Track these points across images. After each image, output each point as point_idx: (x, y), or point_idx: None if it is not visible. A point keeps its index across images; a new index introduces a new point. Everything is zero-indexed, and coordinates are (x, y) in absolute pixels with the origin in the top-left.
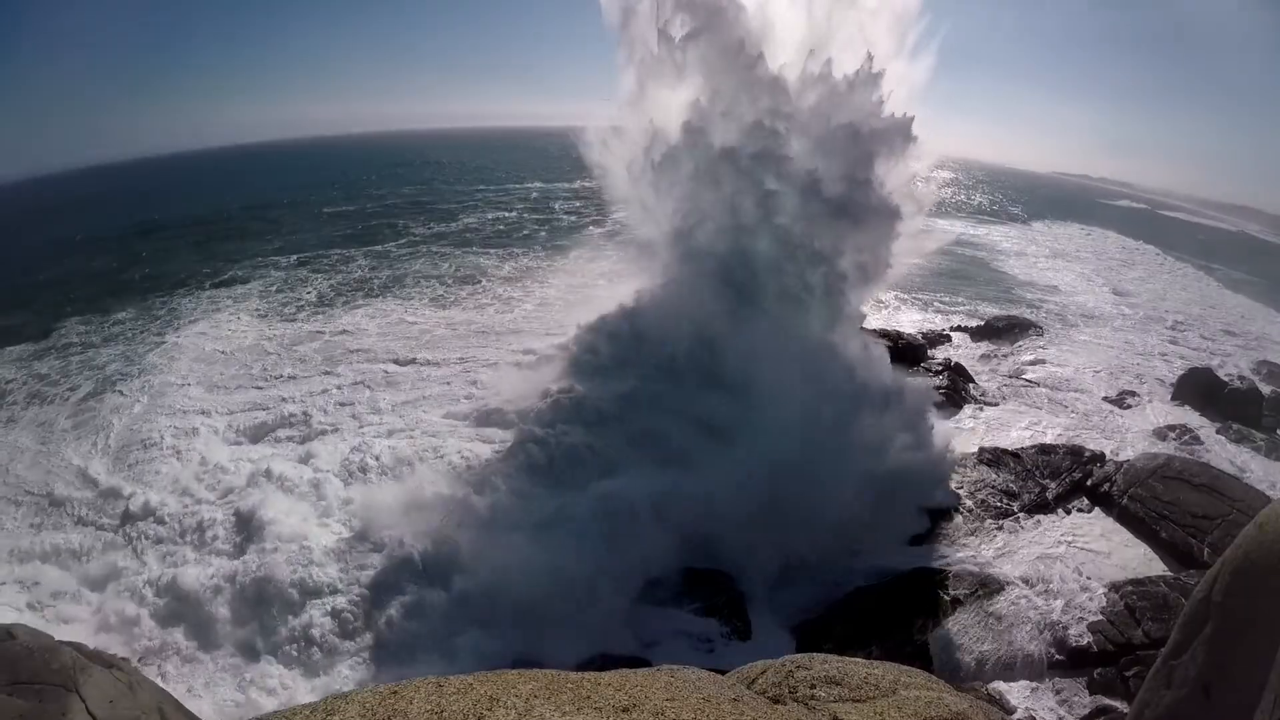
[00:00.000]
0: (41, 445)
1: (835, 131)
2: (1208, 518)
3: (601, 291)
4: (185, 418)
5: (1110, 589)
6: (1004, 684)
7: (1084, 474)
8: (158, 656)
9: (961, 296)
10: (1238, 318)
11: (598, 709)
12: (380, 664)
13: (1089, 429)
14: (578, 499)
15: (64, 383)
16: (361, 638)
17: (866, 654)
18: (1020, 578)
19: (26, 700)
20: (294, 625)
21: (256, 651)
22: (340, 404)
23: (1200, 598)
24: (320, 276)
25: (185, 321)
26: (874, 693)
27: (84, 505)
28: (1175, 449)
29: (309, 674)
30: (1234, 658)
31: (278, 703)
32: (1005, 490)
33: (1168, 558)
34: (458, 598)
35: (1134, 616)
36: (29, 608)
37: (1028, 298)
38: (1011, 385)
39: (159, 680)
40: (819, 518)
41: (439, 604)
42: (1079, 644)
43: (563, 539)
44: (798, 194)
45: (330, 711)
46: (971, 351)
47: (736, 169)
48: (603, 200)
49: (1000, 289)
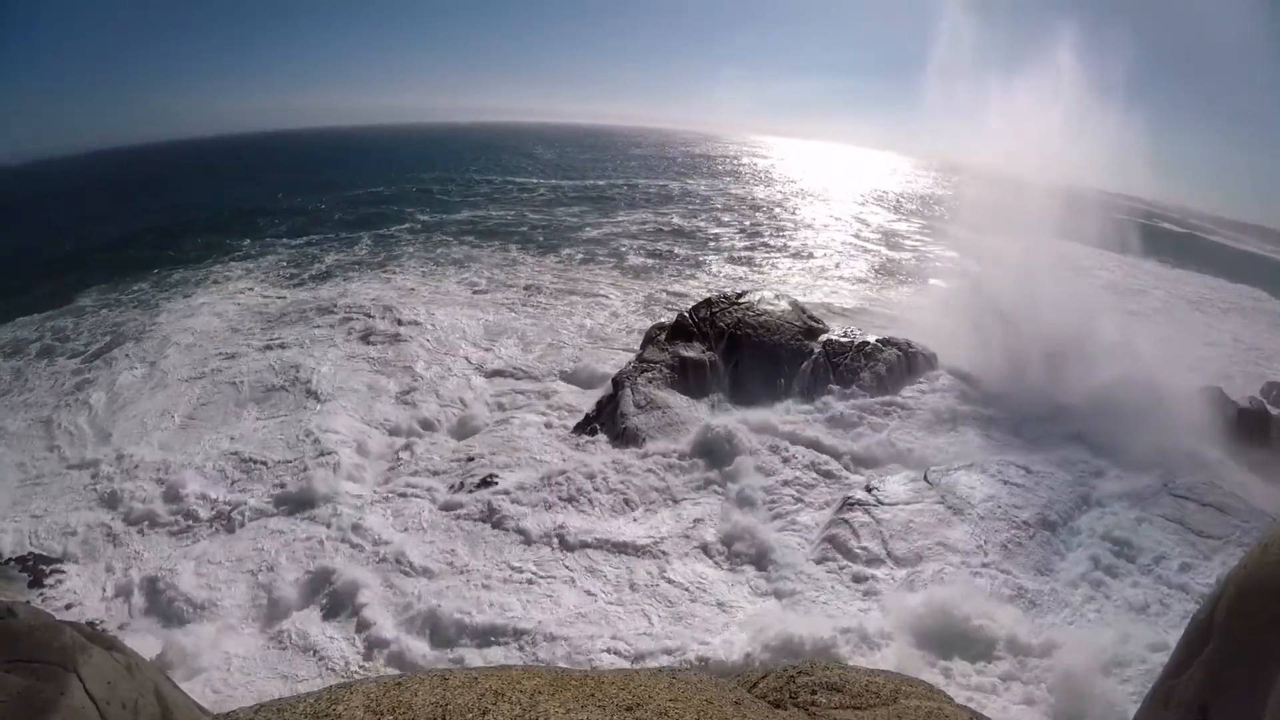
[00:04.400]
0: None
1: None
2: (1214, 537)
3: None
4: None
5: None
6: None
7: (1090, 488)
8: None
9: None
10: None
11: (601, 707)
12: None
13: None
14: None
15: (79, 340)
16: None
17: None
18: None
19: (24, 678)
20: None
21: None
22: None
23: (1202, 618)
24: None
25: (198, 290)
26: (874, 700)
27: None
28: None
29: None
30: (1233, 680)
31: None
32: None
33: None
34: None
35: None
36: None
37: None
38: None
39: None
40: None
41: None
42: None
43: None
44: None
45: (334, 700)
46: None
47: None
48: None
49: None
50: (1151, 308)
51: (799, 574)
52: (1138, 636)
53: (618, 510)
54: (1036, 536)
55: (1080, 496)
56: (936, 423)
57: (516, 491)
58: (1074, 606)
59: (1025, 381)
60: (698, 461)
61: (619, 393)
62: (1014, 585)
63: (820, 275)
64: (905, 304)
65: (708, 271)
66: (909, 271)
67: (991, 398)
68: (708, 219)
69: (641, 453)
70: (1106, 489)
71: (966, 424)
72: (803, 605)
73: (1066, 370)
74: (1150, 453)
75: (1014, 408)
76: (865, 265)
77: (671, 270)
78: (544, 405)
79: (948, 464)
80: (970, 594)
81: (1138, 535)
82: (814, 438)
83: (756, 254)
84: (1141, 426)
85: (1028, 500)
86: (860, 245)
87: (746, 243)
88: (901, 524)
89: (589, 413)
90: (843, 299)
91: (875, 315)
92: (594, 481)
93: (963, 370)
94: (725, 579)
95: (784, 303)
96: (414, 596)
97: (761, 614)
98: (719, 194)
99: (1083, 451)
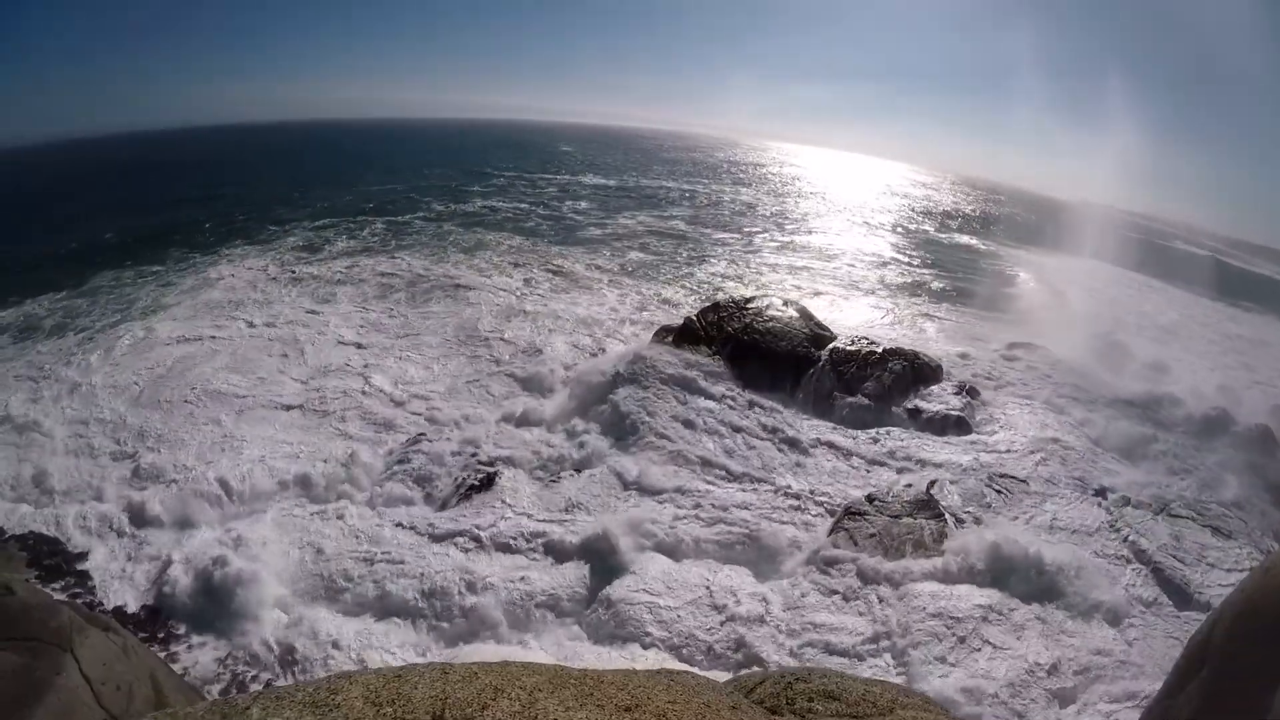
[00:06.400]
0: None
1: None
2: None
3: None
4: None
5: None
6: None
7: (1092, 504)
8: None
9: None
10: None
11: (600, 706)
12: None
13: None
14: None
15: (92, 314)
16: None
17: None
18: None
19: (20, 657)
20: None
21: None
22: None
23: (1199, 640)
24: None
25: (210, 267)
26: (871, 710)
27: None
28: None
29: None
30: (1228, 703)
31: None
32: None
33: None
34: None
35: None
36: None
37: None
38: (1027, 411)
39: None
40: None
41: None
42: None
43: None
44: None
45: (334, 690)
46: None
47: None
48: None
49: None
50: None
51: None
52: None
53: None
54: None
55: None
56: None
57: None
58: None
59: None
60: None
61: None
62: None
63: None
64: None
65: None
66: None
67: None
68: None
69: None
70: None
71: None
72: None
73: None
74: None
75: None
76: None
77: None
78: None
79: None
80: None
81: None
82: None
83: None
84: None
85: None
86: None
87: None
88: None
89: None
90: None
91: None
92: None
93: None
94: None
95: (792, 309)
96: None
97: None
98: (763, 203)
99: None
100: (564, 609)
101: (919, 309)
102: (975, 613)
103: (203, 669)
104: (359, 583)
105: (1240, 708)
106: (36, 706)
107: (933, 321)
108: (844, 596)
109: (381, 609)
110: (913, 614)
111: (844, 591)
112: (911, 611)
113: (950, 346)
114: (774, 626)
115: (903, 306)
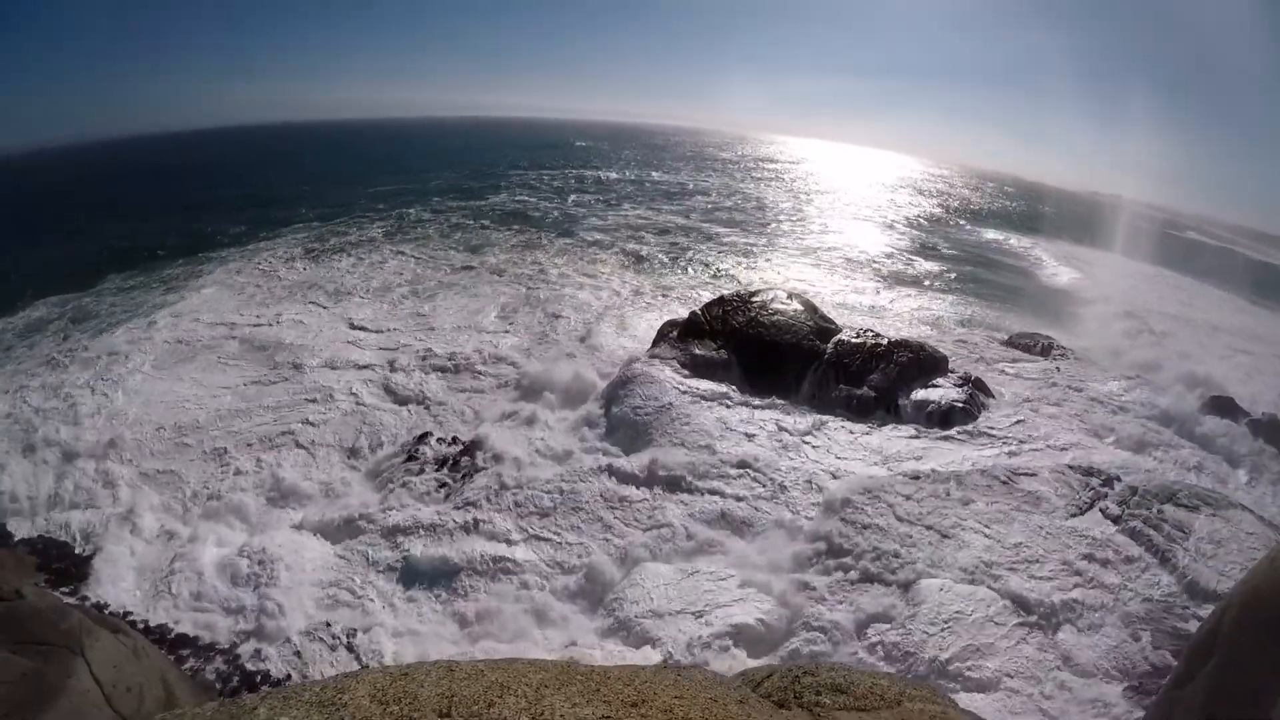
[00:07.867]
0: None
1: None
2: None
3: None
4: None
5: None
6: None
7: (1095, 495)
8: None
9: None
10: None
11: (606, 702)
12: None
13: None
14: None
15: (106, 316)
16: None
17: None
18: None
19: (31, 660)
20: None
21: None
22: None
23: (1208, 629)
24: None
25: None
26: (878, 703)
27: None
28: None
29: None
30: (1238, 693)
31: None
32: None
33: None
34: None
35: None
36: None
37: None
38: (1032, 403)
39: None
40: None
41: None
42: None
43: None
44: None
45: (340, 689)
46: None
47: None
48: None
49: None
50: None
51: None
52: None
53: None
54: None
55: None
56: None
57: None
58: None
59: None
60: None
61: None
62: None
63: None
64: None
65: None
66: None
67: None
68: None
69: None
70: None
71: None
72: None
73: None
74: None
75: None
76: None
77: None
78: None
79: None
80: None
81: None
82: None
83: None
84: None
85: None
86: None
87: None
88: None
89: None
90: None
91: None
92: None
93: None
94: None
95: (796, 302)
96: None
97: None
98: (776, 198)
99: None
100: (570, 609)
101: (951, 308)
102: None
103: (211, 670)
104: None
105: (1252, 697)
106: (48, 710)
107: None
108: (845, 587)
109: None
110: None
111: (845, 582)
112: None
113: (950, 337)
114: (777, 618)
115: (944, 304)
